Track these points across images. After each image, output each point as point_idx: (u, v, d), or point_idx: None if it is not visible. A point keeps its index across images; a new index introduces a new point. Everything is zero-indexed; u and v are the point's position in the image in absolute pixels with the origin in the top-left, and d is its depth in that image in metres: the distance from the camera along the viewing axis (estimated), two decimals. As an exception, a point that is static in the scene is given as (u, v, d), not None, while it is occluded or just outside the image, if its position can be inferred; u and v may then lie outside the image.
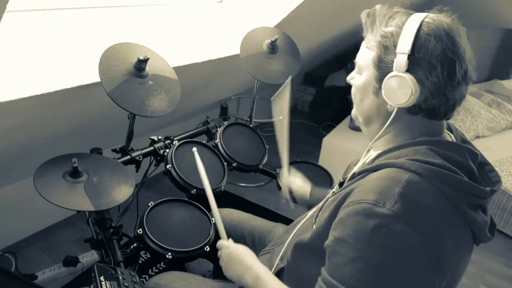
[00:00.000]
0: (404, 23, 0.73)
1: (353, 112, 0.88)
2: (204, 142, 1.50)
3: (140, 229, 1.13)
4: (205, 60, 1.65)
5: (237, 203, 2.41)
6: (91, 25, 1.45)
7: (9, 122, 1.22)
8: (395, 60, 0.72)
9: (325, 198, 0.91)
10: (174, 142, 1.46)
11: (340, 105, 3.48)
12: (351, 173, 0.83)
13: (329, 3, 2.03)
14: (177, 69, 1.40)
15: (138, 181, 1.39)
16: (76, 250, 1.85)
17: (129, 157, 1.38)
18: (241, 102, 2.70)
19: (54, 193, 1.03)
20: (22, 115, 1.23)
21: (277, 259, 0.94)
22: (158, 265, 1.87)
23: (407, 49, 0.70)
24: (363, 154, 0.93)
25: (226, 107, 1.81)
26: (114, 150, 1.40)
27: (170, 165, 1.31)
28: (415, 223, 0.66)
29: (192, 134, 1.66)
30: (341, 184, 0.90)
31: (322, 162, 2.77)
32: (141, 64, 1.25)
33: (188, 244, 1.14)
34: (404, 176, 0.69)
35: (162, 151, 1.45)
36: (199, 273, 1.34)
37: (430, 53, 0.70)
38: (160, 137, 1.51)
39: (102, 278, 0.93)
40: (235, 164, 1.49)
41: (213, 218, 1.14)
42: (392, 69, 0.73)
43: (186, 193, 1.32)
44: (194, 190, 1.30)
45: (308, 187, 1.26)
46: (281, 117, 1.25)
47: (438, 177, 0.69)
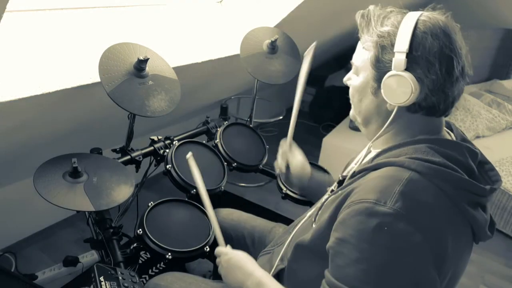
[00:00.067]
0: (400, 22, 0.73)
1: (352, 113, 0.88)
2: (204, 142, 1.50)
3: (140, 229, 1.13)
4: (205, 60, 1.65)
5: (237, 203, 2.41)
6: (91, 25, 1.45)
7: (9, 122, 1.22)
8: (394, 59, 0.72)
9: (324, 197, 0.91)
10: (174, 142, 1.46)
11: (340, 105, 3.48)
12: (351, 172, 0.83)
13: (329, 3, 2.03)
14: (177, 69, 1.40)
15: (138, 181, 1.39)
16: (76, 250, 1.85)
17: (129, 157, 1.37)
18: (241, 102, 2.70)
19: (54, 193, 1.03)
20: (22, 115, 1.23)
21: (277, 260, 0.94)
22: (158, 265, 1.87)
23: (405, 48, 0.70)
24: (362, 153, 0.93)
25: (226, 107, 1.81)
26: (114, 150, 1.40)
27: (170, 165, 1.31)
28: (416, 222, 0.66)
29: (192, 134, 1.65)
30: (340, 183, 0.89)
31: (322, 162, 2.77)
32: (141, 64, 1.25)
33: (188, 244, 1.13)
34: (405, 175, 0.69)
35: (162, 151, 1.45)
36: (199, 273, 1.34)
37: (428, 51, 0.70)
38: (160, 137, 1.51)
39: (102, 278, 0.93)
40: (235, 164, 1.49)
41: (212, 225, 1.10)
42: (390, 69, 0.73)
43: (186, 193, 1.32)
44: (194, 190, 1.30)
45: (308, 167, 1.21)
46: (301, 81, 1.20)
47: (438, 175, 0.69)
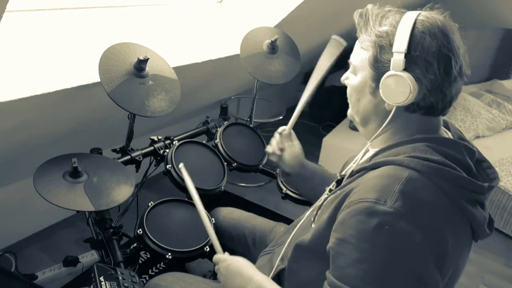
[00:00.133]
0: (398, 22, 0.73)
1: (349, 112, 0.88)
2: (204, 142, 1.50)
3: (140, 229, 1.13)
4: (205, 60, 1.65)
5: (237, 203, 2.40)
6: (91, 25, 1.45)
7: (9, 122, 1.22)
8: (392, 59, 0.72)
9: (323, 197, 0.91)
10: (174, 142, 1.46)
11: (340, 105, 3.45)
12: (350, 171, 0.83)
13: (329, 3, 2.03)
14: (177, 69, 1.40)
15: (138, 181, 1.39)
16: (76, 250, 1.85)
17: (129, 157, 1.37)
18: (241, 102, 2.70)
19: (54, 193, 1.03)
20: (22, 115, 1.23)
21: (277, 260, 0.94)
22: (158, 265, 1.87)
23: (404, 48, 0.71)
24: (361, 153, 0.93)
25: (226, 107, 1.81)
26: (114, 150, 1.40)
27: (170, 165, 1.31)
28: (417, 221, 0.66)
29: (192, 134, 1.65)
30: (339, 182, 0.89)
31: (322, 162, 2.77)
32: (141, 64, 1.25)
33: (188, 244, 1.14)
34: (404, 173, 0.69)
35: (162, 151, 1.45)
36: (200, 273, 1.34)
37: (426, 51, 0.71)
38: (160, 137, 1.51)
39: (102, 278, 0.93)
40: (235, 164, 1.49)
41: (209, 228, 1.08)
42: (389, 69, 0.73)
43: (186, 193, 1.32)
44: (194, 190, 1.30)
45: (302, 158, 1.21)
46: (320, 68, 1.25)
47: (437, 174, 0.69)
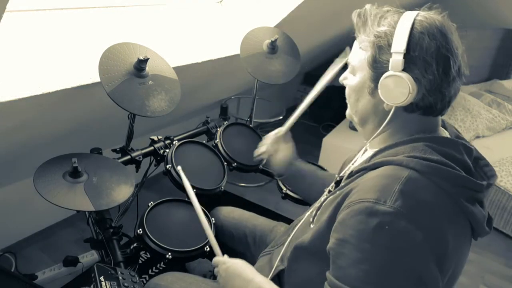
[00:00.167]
0: (397, 22, 0.73)
1: (348, 113, 0.87)
2: (204, 142, 1.50)
3: (140, 229, 1.13)
4: (205, 60, 1.65)
5: (237, 203, 2.40)
6: (91, 25, 1.45)
7: (9, 122, 1.22)
8: (391, 60, 0.72)
9: (322, 197, 0.91)
10: (174, 142, 1.46)
11: (340, 105, 3.42)
12: (349, 172, 0.83)
13: (329, 3, 2.03)
14: (177, 69, 1.40)
15: (138, 181, 1.39)
16: (76, 250, 1.85)
17: (129, 157, 1.38)
18: (241, 102, 2.70)
19: (54, 193, 1.04)
20: (22, 115, 1.23)
21: (277, 261, 0.94)
22: (158, 265, 1.87)
23: (402, 48, 0.70)
24: (359, 153, 0.93)
25: (226, 107, 1.81)
26: (114, 150, 1.40)
27: (170, 165, 1.31)
28: (417, 220, 0.66)
29: (192, 134, 1.66)
30: (337, 183, 0.89)
31: (322, 162, 2.77)
32: (141, 64, 1.25)
33: (188, 244, 1.14)
34: (404, 173, 0.69)
35: (162, 151, 1.45)
36: (200, 273, 1.34)
37: (425, 51, 0.71)
38: (160, 137, 1.51)
39: (102, 278, 0.93)
40: (235, 164, 1.49)
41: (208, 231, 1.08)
42: (388, 69, 0.73)
43: (186, 193, 1.32)
44: (194, 190, 1.30)
45: (293, 157, 1.21)
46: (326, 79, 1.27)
47: (437, 173, 0.69)
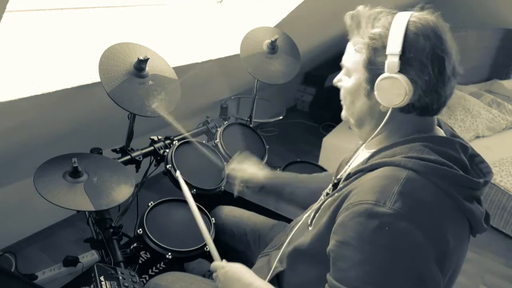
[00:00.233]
0: (391, 24, 0.73)
1: (344, 114, 0.88)
2: (204, 142, 1.50)
3: (140, 229, 1.14)
4: (205, 60, 1.65)
5: (237, 203, 2.40)
6: (91, 25, 1.45)
7: (9, 122, 1.22)
8: (387, 62, 0.72)
9: (319, 200, 0.91)
10: (174, 142, 1.47)
11: (340, 105, 3.44)
12: (346, 174, 0.82)
13: (329, 3, 2.03)
14: (177, 69, 1.40)
15: (138, 181, 1.39)
16: (76, 250, 1.85)
17: (129, 157, 1.38)
18: (241, 102, 2.70)
19: (54, 193, 1.04)
20: (22, 115, 1.23)
21: (275, 262, 0.93)
22: (158, 265, 1.87)
23: (398, 50, 0.70)
24: (355, 154, 0.93)
25: (226, 107, 1.81)
26: (114, 150, 1.41)
27: (170, 165, 1.31)
28: (417, 221, 0.66)
29: (192, 134, 1.66)
30: (335, 185, 0.89)
31: (322, 162, 2.76)
32: (141, 64, 1.25)
33: (188, 244, 1.14)
34: (402, 174, 0.69)
35: (162, 151, 1.45)
36: (199, 273, 1.34)
37: (420, 52, 0.71)
38: (160, 137, 1.51)
39: (102, 278, 0.93)
40: (235, 164, 1.49)
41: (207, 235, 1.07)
42: (383, 71, 0.73)
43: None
44: (194, 190, 1.30)
45: (259, 175, 1.23)
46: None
47: (435, 173, 0.69)
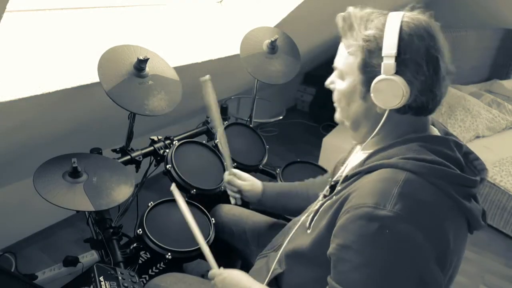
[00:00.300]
0: (384, 25, 0.72)
1: (338, 117, 0.86)
2: (204, 142, 1.50)
3: (140, 229, 1.14)
4: (205, 60, 1.65)
5: (237, 203, 2.40)
6: (91, 25, 1.45)
7: (9, 122, 1.22)
8: (383, 64, 0.71)
9: (317, 202, 0.90)
10: (174, 142, 1.46)
11: (340, 105, 3.46)
12: (344, 176, 0.82)
13: (329, 3, 2.03)
14: (177, 69, 1.40)
15: (138, 181, 1.39)
16: (76, 250, 1.85)
17: (129, 157, 1.37)
18: (241, 102, 2.70)
19: (54, 193, 1.03)
20: (22, 115, 1.23)
21: (273, 264, 0.93)
22: (158, 265, 1.87)
23: (394, 52, 0.70)
24: (352, 155, 0.93)
25: (226, 107, 1.81)
26: (114, 150, 1.40)
27: (170, 165, 1.31)
28: (417, 222, 0.66)
29: (192, 134, 1.66)
30: (332, 187, 0.88)
31: (322, 162, 2.76)
32: (141, 64, 1.25)
33: (188, 245, 1.13)
34: (400, 176, 0.69)
35: (162, 151, 1.45)
36: (198, 273, 1.34)
37: (416, 53, 0.71)
38: (160, 137, 1.51)
39: (102, 278, 0.93)
40: (235, 164, 1.49)
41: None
42: (379, 72, 0.72)
43: (186, 193, 1.32)
44: (194, 190, 1.30)
45: (258, 183, 1.20)
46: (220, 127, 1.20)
47: (433, 173, 0.69)
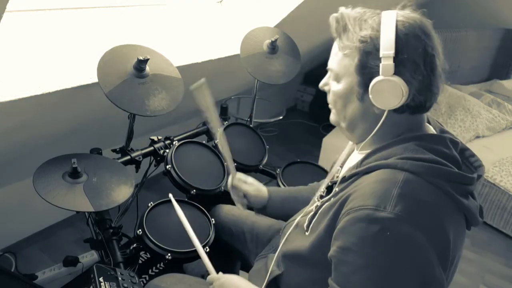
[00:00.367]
0: (379, 25, 0.72)
1: (334, 119, 0.85)
2: (204, 142, 1.50)
3: (140, 230, 1.13)
4: (205, 60, 1.65)
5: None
6: (91, 25, 1.44)
7: (9, 122, 1.22)
8: (381, 65, 0.71)
9: (312, 203, 0.90)
10: (174, 142, 1.46)
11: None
12: (341, 177, 0.82)
13: (329, 3, 2.02)
14: (177, 69, 1.40)
15: (138, 181, 1.39)
16: (76, 250, 1.85)
17: (129, 157, 1.37)
18: (241, 102, 2.70)
19: (54, 194, 1.03)
20: (22, 115, 1.23)
21: (272, 265, 0.93)
22: (158, 266, 1.87)
23: (392, 52, 0.69)
24: (347, 156, 0.92)
25: (226, 107, 1.80)
26: (114, 150, 1.40)
27: (170, 166, 1.31)
28: (418, 222, 0.66)
29: (192, 134, 1.65)
30: (329, 188, 0.87)
31: (322, 162, 2.76)
32: (141, 65, 1.24)
33: (188, 245, 1.13)
34: (399, 176, 0.69)
35: (162, 151, 1.45)
36: (198, 274, 1.34)
37: (413, 52, 0.70)
38: (160, 137, 1.51)
39: (102, 279, 0.93)
40: (235, 164, 1.48)
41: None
42: (377, 73, 0.71)
43: (186, 194, 1.32)
44: (194, 191, 1.30)
45: (263, 188, 1.17)
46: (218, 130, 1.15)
47: (431, 173, 0.69)
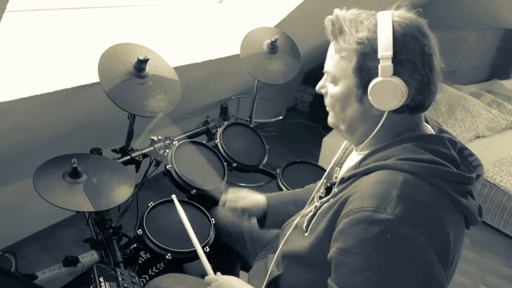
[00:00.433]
0: (375, 26, 0.72)
1: (333, 121, 0.84)
2: (204, 142, 1.50)
3: (140, 230, 1.13)
4: (205, 60, 1.65)
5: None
6: (91, 25, 1.44)
7: (9, 122, 1.22)
8: (380, 66, 0.70)
9: (312, 203, 0.90)
10: (174, 142, 1.46)
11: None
12: (340, 178, 0.81)
13: (329, 3, 2.02)
14: (177, 69, 1.40)
15: (138, 181, 1.39)
16: (76, 250, 1.84)
17: (129, 157, 1.37)
18: (241, 102, 2.70)
19: (54, 194, 1.03)
20: (22, 115, 1.23)
21: (271, 266, 0.93)
22: (158, 266, 1.87)
23: (390, 53, 0.69)
24: (345, 157, 0.92)
25: (226, 107, 1.81)
26: (114, 150, 1.40)
27: (170, 165, 1.31)
28: (418, 223, 0.66)
29: (192, 134, 1.66)
30: (328, 189, 0.87)
31: (322, 162, 2.76)
32: (141, 65, 1.25)
33: (188, 245, 1.13)
34: (398, 177, 0.69)
35: (162, 151, 1.45)
36: (198, 274, 1.33)
37: (411, 53, 0.70)
38: (160, 137, 1.51)
39: (102, 279, 0.93)
40: (235, 164, 1.49)
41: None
42: (375, 75, 0.71)
43: (186, 194, 1.32)
44: (194, 191, 1.30)
45: (260, 198, 1.14)
46: None
47: (430, 173, 0.69)
